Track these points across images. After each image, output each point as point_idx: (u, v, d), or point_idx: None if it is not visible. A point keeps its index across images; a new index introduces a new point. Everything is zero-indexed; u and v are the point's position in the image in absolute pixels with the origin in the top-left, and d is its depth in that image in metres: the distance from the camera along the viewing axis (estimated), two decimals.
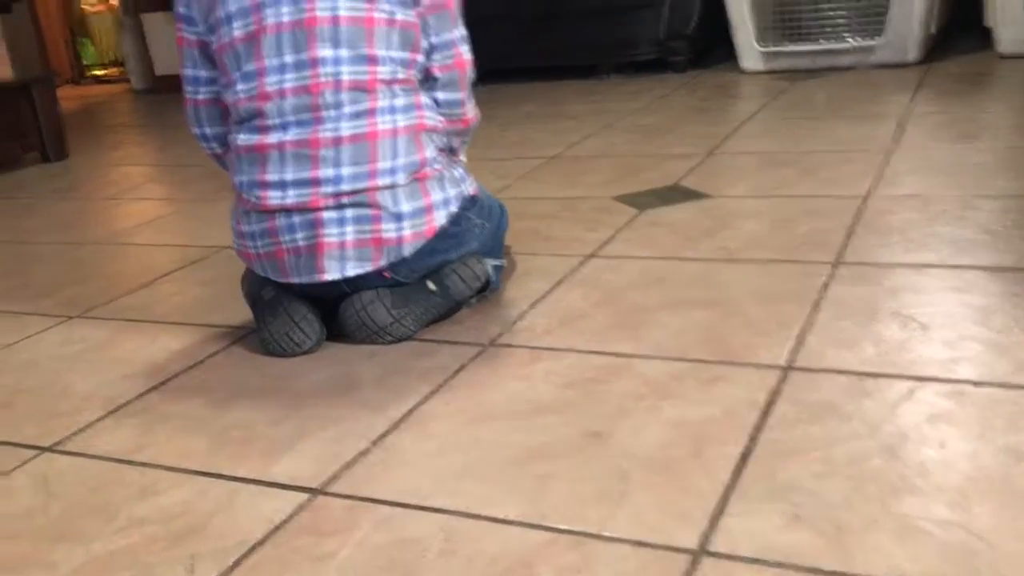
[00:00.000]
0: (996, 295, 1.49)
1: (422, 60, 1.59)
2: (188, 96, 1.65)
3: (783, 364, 1.35)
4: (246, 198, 1.57)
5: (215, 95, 1.62)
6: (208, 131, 1.67)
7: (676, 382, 1.34)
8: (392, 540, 1.05)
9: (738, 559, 0.96)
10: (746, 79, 3.68)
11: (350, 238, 1.52)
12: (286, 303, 1.59)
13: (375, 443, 1.27)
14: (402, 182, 1.53)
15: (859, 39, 3.54)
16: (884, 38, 3.47)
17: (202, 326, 1.78)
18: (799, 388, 1.28)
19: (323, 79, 1.50)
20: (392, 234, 1.53)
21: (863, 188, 2.11)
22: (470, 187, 1.66)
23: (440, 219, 1.57)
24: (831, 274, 1.65)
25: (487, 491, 1.13)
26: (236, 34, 1.52)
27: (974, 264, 1.62)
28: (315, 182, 1.51)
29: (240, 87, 1.53)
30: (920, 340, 1.37)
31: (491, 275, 1.66)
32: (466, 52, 1.66)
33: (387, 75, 1.53)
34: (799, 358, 1.36)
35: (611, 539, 1.01)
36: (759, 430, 1.18)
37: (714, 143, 2.70)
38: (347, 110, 1.50)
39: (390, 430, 1.30)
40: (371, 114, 1.51)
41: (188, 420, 1.41)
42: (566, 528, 1.04)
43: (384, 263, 1.55)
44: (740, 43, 3.75)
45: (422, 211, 1.54)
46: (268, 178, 1.53)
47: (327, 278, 1.55)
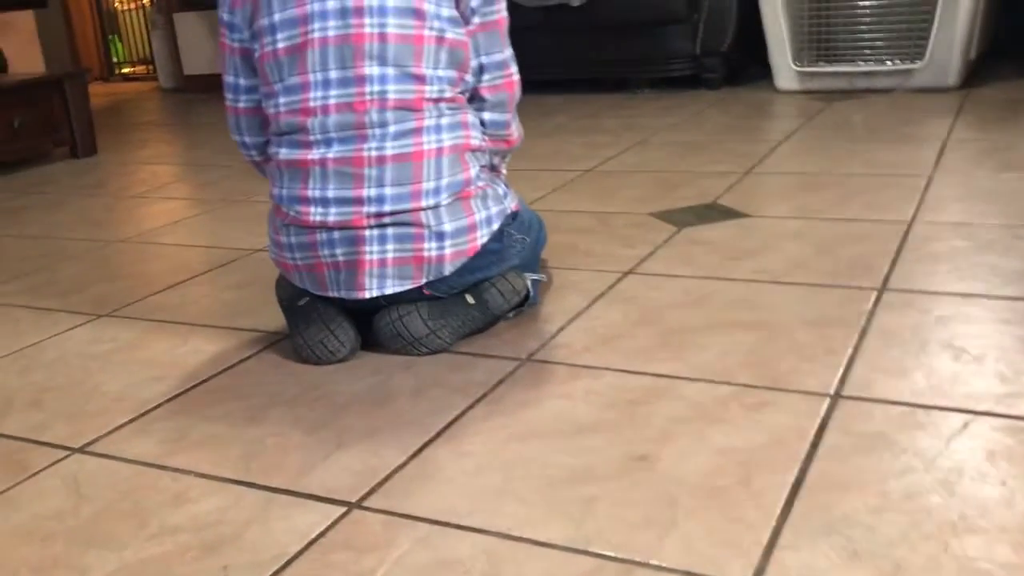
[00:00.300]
0: None
1: (470, 79, 1.56)
2: (229, 104, 1.63)
3: (831, 392, 1.31)
4: (285, 211, 1.54)
5: (256, 104, 1.60)
6: (248, 140, 1.64)
7: (721, 406, 1.30)
8: (432, 560, 1.02)
9: None
10: (781, 98, 3.65)
11: (391, 256, 1.50)
12: (321, 310, 1.56)
13: (412, 457, 1.24)
14: (445, 202, 1.50)
15: (898, 62, 3.50)
16: (924, 62, 3.43)
17: (234, 329, 1.76)
18: (849, 417, 1.24)
19: (368, 97, 1.47)
20: (433, 252, 1.50)
21: (906, 213, 2.07)
22: (512, 202, 1.63)
23: (483, 238, 1.54)
24: (877, 300, 1.61)
25: (529, 512, 1.10)
26: (280, 45, 1.49)
27: None
28: (358, 201, 1.48)
29: (282, 99, 1.51)
30: (973, 373, 1.33)
31: (530, 290, 1.63)
32: (515, 73, 1.63)
33: (434, 94, 1.50)
34: (848, 386, 1.33)
35: (660, 568, 0.98)
36: (810, 460, 1.15)
37: (751, 162, 2.66)
38: (392, 129, 1.48)
39: (427, 444, 1.27)
40: (416, 133, 1.48)
41: (221, 426, 1.38)
42: (612, 555, 1.00)
43: (424, 281, 1.52)
44: (776, 62, 3.72)
45: (465, 230, 1.51)
46: (309, 194, 1.50)
47: (367, 295, 1.52)
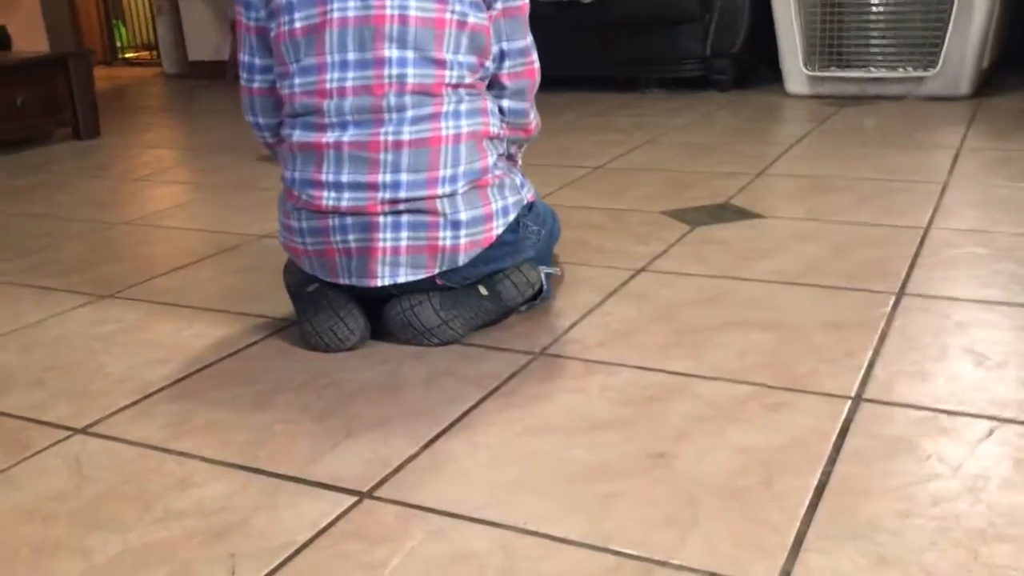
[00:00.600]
0: None
1: (490, 65, 1.53)
2: (243, 83, 1.59)
3: (852, 395, 1.29)
4: (297, 195, 1.51)
5: (271, 84, 1.56)
6: (261, 121, 1.61)
7: (739, 406, 1.28)
8: (447, 553, 1.00)
9: None
10: (791, 102, 3.62)
11: (405, 244, 1.47)
12: (331, 296, 1.53)
13: (425, 448, 1.21)
14: (462, 190, 1.47)
15: (910, 69, 3.48)
16: (936, 70, 3.41)
17: (239, 314, 1.73)
18: (871, 421, 1.22)
19: (387, 81, 1.44)
20: (448, 242, 1.47)
21: (922, 219, 2.05)
22: (529, 193, 1.60)
23: (499, 228, 1.51)
24: (896, 304, 1.59)
25: (546, 507, 1.07)
26: (297, 25, 1.46)
27: None
28: (372, 187, 1.45)
29: (297, 80, 1.48)
30: (996, 379, 1.31)
31: (544, 283, 1.61)
32: (536, 61, 1.60)
33: (454, 79, 1.47)
34: (869, 389, 1.30)
35: (681, 568, 0.95)
36: (833, 463, 1.12)
37: (763, 164, 2.64)
38: (410, 114, 1.45)
39: (440, 435, 1.24)
40: (434, 119, 1.45)
41: (227, 411, 1.35)
42: (633, 553, 0.98)
43: (437, 270, 1.49)
44: (787, 65, 3.69)
45: (481, 219, 1.48)
46: (323, 178, 1.47)
47: (378, 283, 1.49)
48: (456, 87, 1.47)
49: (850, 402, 1.27)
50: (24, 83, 3.48)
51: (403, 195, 1.44)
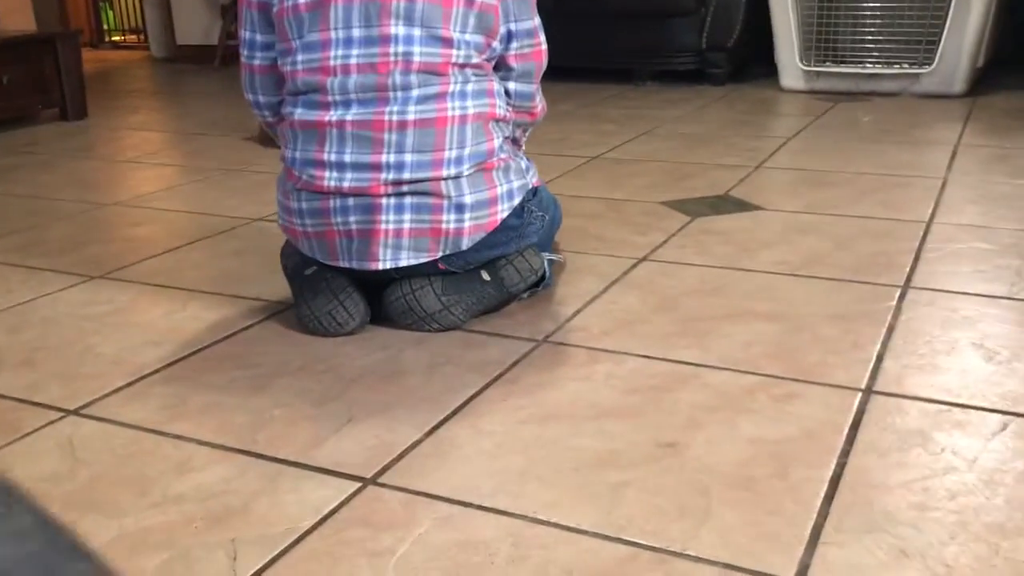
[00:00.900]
0: None
1: (497, 46, 1.50)
2: (244, 60, 1.56)
3: (862, 387, 1.27)
4: (297, 175, 1.47)
5: (272, 61, 1.53)
6: (261, 99, 1.57)
7: (748, 396, 1.26)
8: (455, 541, 0.97)
9: None
10: (786, 97, 3.61)
11: (407, 226, 1.43)
12: (330, 280, 1.50)
13: (428, 434, 1.19)
14: (467, 172, 1.44)
15: (907, 66, 3.47)
16: (932, 68, 3.40)
17: (233, 297, 1.69)
18: (884, 413, 1.20)
19: (393, 58, 1.40)
20: (452, 225, 1.44)
21: (923, 214, 2.04)
22: (534, 178, 1.57)
23: (503, 212, 1.48)
24: (901, 297, 1.57)
25: (555, 496, 1.04)
26: (301, 0, 1.42)
27: None
28: (376, 167, 1.41)
29: (300, 57, 1.44)
30: (1007, 374, 1.30)
31: (546, 270, 1.58)
32: (544, 43, 1.57)
33: (460, 59, 1.44)
34: (879, 382, 1.28)
35: (697, 559, 0.93)
36: (847, 455, 1.10)
37: (761, 157, 2.62)
38: (415, 93, 1.41)
39: (444, 422, 1.22)
40: (440, 99, 1.42)
41: (223, 394, 1.32)
42: (647, 544, 0.95)
43: (440, 254, 1.46)
44: (782, 60, 3.68)
45: (486, 203, 1.45)
46: (325, 157, 1.43)
47: (379, 267, 1.46)
48: (463, 67, 1.44)
49: (861, 394, 1.25)
50: (10, 62, 3.42)
51: (407, 176, 1.41)
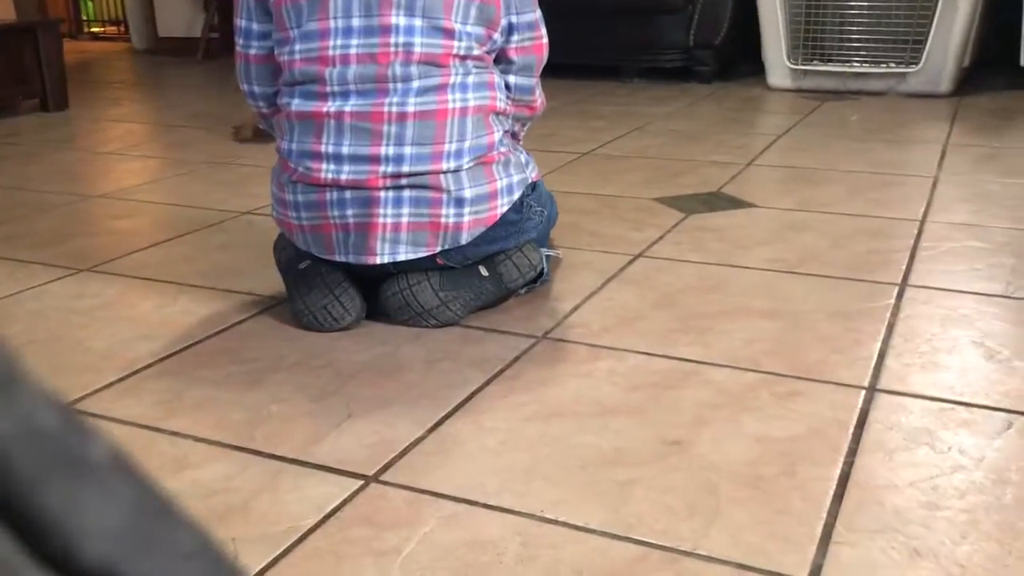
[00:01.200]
0: None
1: (498, 38, 1.48)
2: (239, 50, 1.53)
3: (866, 385, 1.26)
4: (293, 167, 1.45)
5: (268, 51, 1.50)
6: (256, 89, 1.55)
7: (752, 394, 1.25)
8: (462, 540, 0.95)
9: None
10: (773, 95, 3.61)
11: (406, 220, 1.41)
12: (325, 274, 1.48)
13: (430, 431, 1.17)
14: (467, 165, 1.42)
15: (893, 66, 3.48)
16: (919, 67, 3.41)
17: (225, 291, 1.66)
18: (889, 411, 1.19)
19: (393, 49, 1.38)
20: (451, 220, 1.42)
21: (916, 212, 2.04)
22: (533, 172, 1.56)
23: (503, 207, 1.46)
24: (900, 296, 1.57)
25: (562, 494, 1.03)
26: None
27: None
28: (374, 159, 1.39)
29: (298, 46, 1.42)
30: (1009, 372, 1.29)
31: (544, 266, 1.56)
32: (545, 36, 1.56)
33: (462, 50, 1.42)
34: (882, 380, 1.28)
35: (709, 559, 0.91)
36: (854, 453, 1.10)
37: (751, 154, 2.62)
38: (416, 84, 1.39)
39: (445, 418, 1.20)
40: (441, 90, 1.40)
41: (219, 389, 1.29)
42: (657, 543, 0.94)
43: (438, 249, 1.44)
44: (769, 59, 3.68)
45: (485, 197, 1.44)
46: (322, 149, 1.41)
47: (377, 261, 1.44)
48: (464, 59, 1.42)
49: (864, 392, 1.24)
50: None
51: (406, 169, 1.39)
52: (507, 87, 1.52)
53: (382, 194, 1.40)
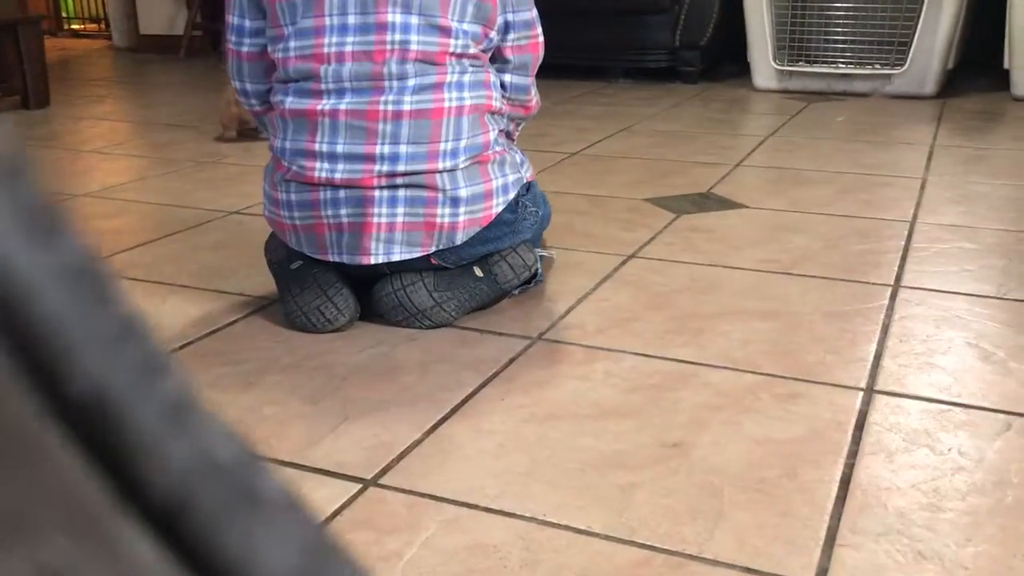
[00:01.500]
0: None
1: (494, 36, 1.47)
2: (231, 47, 1.51)
3: (864, 386, 1.26)
4: (287, 165, 1.43)
5: (261, 48, 1.48)
6: (249, 87, 1.53)
7: (751, 395, 1.24)
8: (464, 544, 0.94)
9: None
10: (759, 96, 3.62)
11: (401, 220, 1.40)
12: (318, 274, 1.46)
13: (428, 434, 1.16)
14: (463, 165, 1.41)
15: (879, 67, 3.50)
16: (904, 69, 3.43)
17: (216, 292, 1.64)
18: (887, 413, 1.19)
19: (389, 47, 1.37)
20: (446, 219, 1.41)
21: (905, 214, 2.04)
22: (528, 172, 1.55)
23: (498, 207, 1.45)
24: (893, 297, 1.57)
25: (563, 498, 1.02)
26: None
27: None
28: (369, 158, 1.38)
29: (292, 44, 1.40)
30: (1005, 374, 1.30)
31: (539, 266, 1.56)
32: (541, 35, 1.55)
33: (458, 49, 1.41)
34: (880, 381, 1.27)
35: (715, 562, 0.91)
36: (855, 455, 1.09)
37: (739, 155, 2.62)
38: (412, 83, 1.38)
39: (442, 421, 1.19)
40: (437, 89, 1.39)
41: (211, 391, 1.28)
42: (661, 546, 0.93)
43: (433, 249, 1.43)
44: (755, 60, 3.69)
45: (480, 197, 1.43)
46: (316, 147, 1.40)
47: (371, 261, 1.42)
48: (460, 57, 1.41)
49: (862, 393, 1.24)
50: None
51: (401, 168, 1.38)
52: (503, 86, 1.51)
53: (377, 193, 1.39)
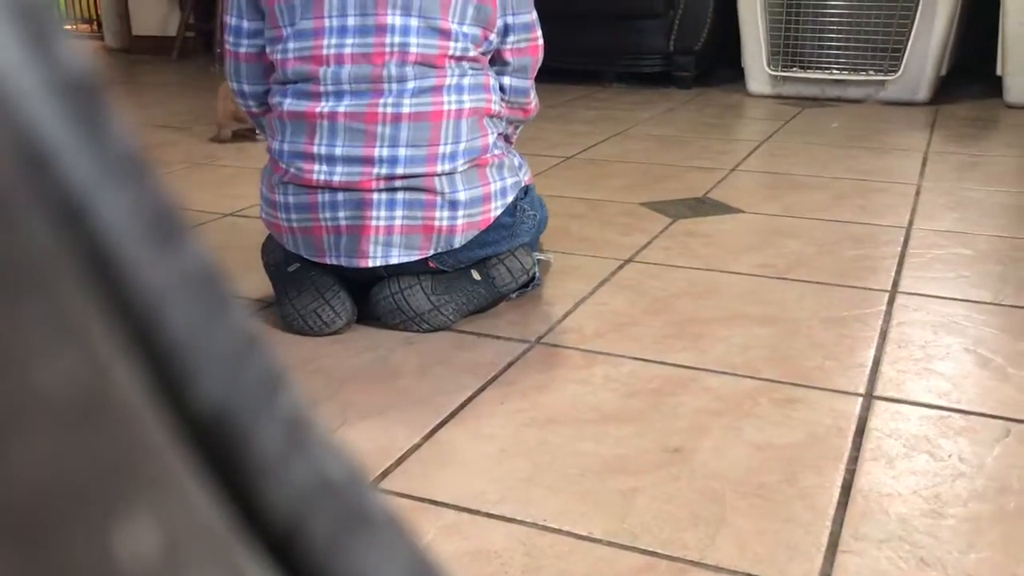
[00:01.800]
0: None
1: (494, 39, 1.47)
2: (229, 48, 1.50)
3: (863, 392, 1.26)
4: (284, 167, 1.43)
5: (259, 49, 1.48)
6: (246, 88, 1.52)
7: (750, 401, 1.24)
8: (465, 550, 0.94)
9: None
10: (753, 101, 3.62)
11: (399, 223, 1.40)
12: (315, 277, 1.45)
13: (427, 438, 1.15)
14: (462, 168, 1.41)
15: (873, 73, 3.51)
16: (898, 75, 3.44)
17: None
18: (887, 419, 1.19)
19: (388, 49, 1.37)
20: (444, 222, 1.40)
21: (902, 219, 2.05)
22: (526, 175, 1.55)
23: (497, 210, 1.45)
24: (891, 302, 1.57)
25: (564, 503, 1.01)
26: None
27: None
28: (368, 161, 1.37)
29: (291, 45, 1.39)
30: (1003, 380, 1.30)
31: (536, 270, 1.55)
32: (540, 38, 1.54)
33: (458, 51, 1.40)
34: (879, 387, 1.27)
35: (717, 568, 0.90)
36: (855, 461, 1.09)
37: (734, 160, 2.62)
38: (411, 85, 1.37)
39: (441, 425, 1.18)
40: (436, 92, 1.39)
41: None
42: (663, 552, 0.93)
43: (431, 252, 1.42)
44: (749, 65, 3.69)
45: (479, 200, 1.42)
46: (315, 150, 1.39)
47: (369, 264, 1.42)
48: (459, 59, 1.40)
49: (862, 399, 1.24)
50: None
51: (400, 171, 1.37)
52: (502, 89, 1.51)
53: (375, 196, 1.39)
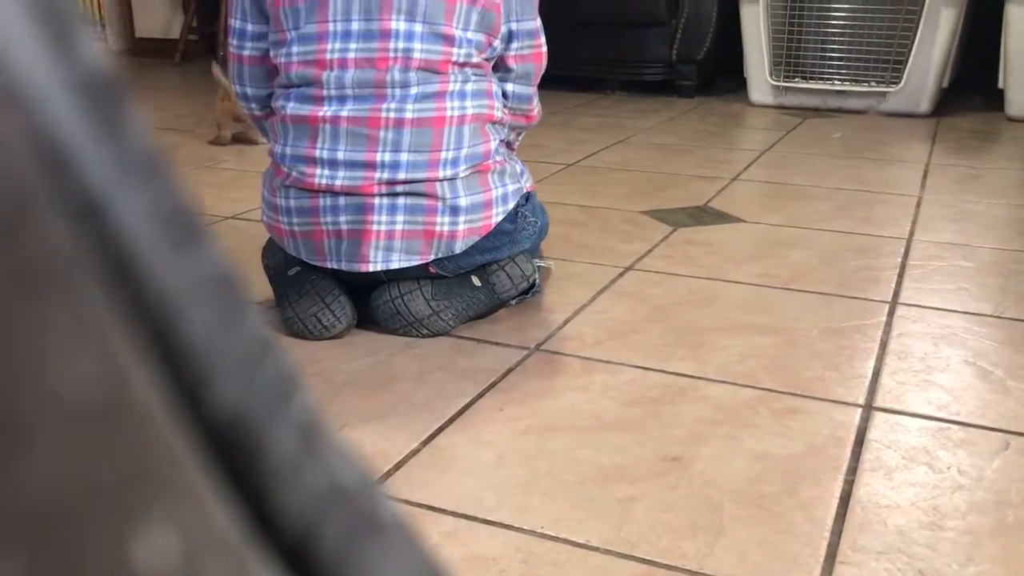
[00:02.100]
0: None
1: (498, 45, 1.47)
2: (233, 51, 1.50)
3: (862, 403, 1.26)
4: (286, 171, 1.43)
5: (263, 52, 1.48)
6: (250, 91, 1.52)
7: (750, 410, 1.24)
8: (462, 556, 0.93)
9: None
10: (755, 111, 3.63)
11: (400, 228, 1.40)
12: (315, 281, 1.45)
13: (425, 444, 1.15)
14: (463, 174, 1.41)
15: (875, 84, 3.51)
16: (899, 87, 3.45)
17: None
18: (886, 430, 1.19)
19: (392, 54, 1.37)
20: (446, 228, 1.40)
21: (903, 231, 2.05)
22: (528, 182, 1.55)
23: (498, 216, 1.45)
24: (891, 314, 1.57)
25: (562, 511, 1.01)
26: None
27: None
28: (370, 166, 1.38)
29: (295, 49, 1.39)
30: (1004, 392, 1.29)
31: (537, 277, 1.55)
32: (544, 44, 1.55)
33: (461, 57, 1.40)
34: (878, 398, 1.27)
35: None
36: (854, 472, 1.09)
37: (736, 169, 2.62)
38: (414, 91, 1.38)
39: (440, 431, 1.18)
40: (439, 97, 1.39)
41: None
42: (660, 561, 0.93)
43: (432, 257, 1.42)
44: (751, 75, 3.70)
45: (480, 206, 1.42)
46: (317, 154, 1.39)
47: (370, 268, 1.42)
48: (463, 65, 1.41)
49: (861, 410, 1.24)
50: None
51: (402, 176, 1.37)
52: (504, 95, 1.51)
53: (376, 201, 1.38)
